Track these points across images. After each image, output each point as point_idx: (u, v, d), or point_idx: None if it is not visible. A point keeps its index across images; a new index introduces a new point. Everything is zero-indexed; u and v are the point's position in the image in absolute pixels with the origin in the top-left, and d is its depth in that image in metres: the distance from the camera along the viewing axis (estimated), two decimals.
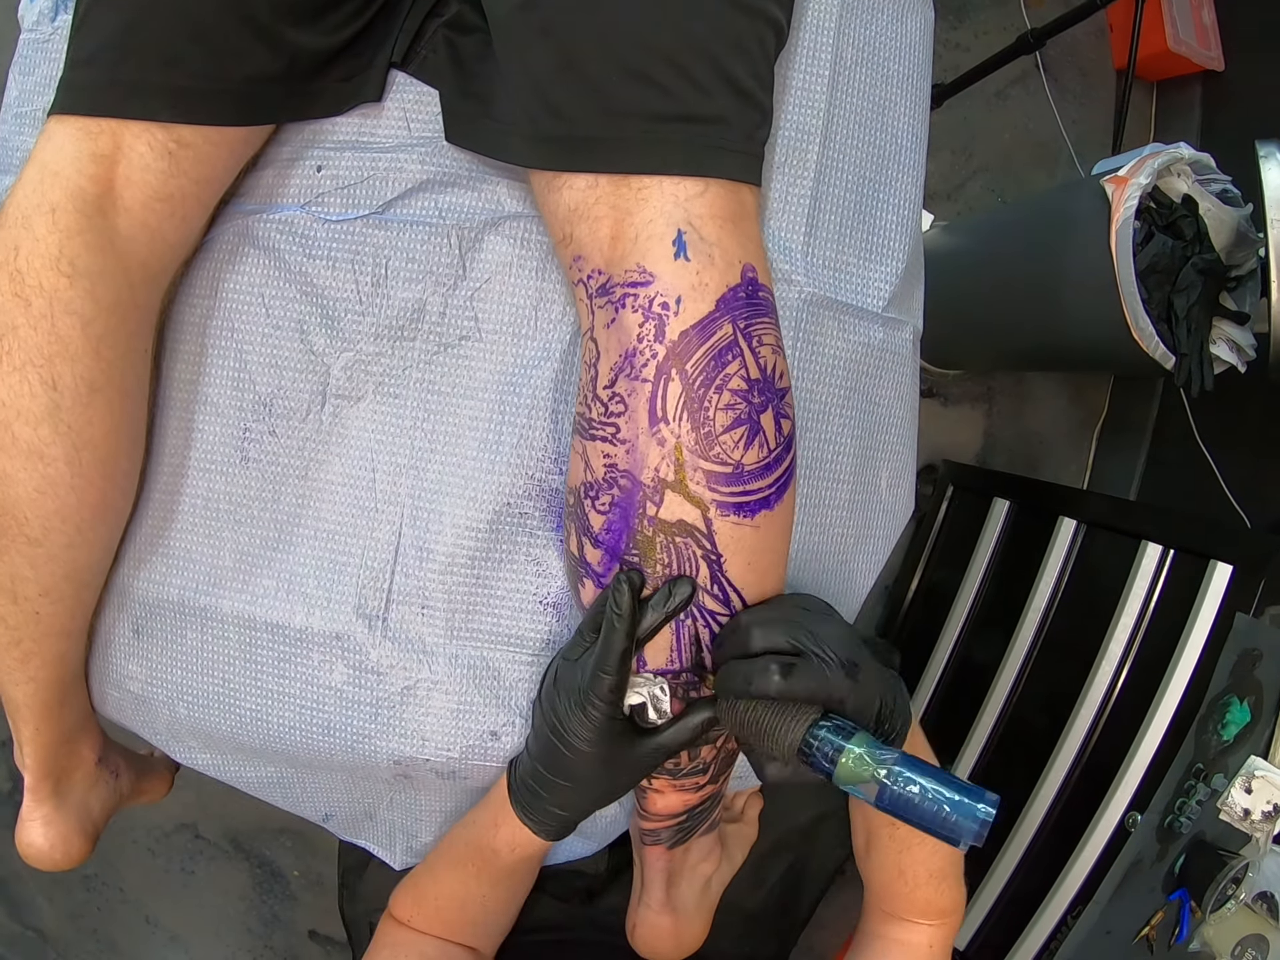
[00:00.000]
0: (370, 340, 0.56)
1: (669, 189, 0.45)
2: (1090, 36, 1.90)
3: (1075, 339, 1.36)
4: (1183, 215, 1.22)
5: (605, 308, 0.46)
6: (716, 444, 0.45)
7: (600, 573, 0.49)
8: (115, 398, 0.50)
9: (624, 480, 0.46)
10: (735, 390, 0.45)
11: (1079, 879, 1.15)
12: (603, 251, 0.46)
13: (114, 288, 0.49)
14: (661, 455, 0.45)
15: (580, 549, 0.49)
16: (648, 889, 0.61)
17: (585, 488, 0.48)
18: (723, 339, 0.45)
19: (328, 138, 0.56)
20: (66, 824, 0.63)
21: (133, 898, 1.56)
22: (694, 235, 0.45)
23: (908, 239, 0.60)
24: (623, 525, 0.47)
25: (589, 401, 0.48)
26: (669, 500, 0.45)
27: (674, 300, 0.44)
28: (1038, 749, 1.29)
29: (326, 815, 0.66)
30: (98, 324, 0.48)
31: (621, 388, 0.46)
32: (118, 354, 0.50)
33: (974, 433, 1.88)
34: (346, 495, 0.56)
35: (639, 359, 0.45)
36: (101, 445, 0.50)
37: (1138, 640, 1.22)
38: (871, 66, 0.58)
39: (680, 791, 0.54)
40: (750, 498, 0.46)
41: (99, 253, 0.48)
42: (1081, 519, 1.37)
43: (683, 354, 0.45)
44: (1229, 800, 1.01)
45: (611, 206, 0.46)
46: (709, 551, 0.46)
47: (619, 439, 0.46)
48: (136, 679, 0.60)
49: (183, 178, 0.50)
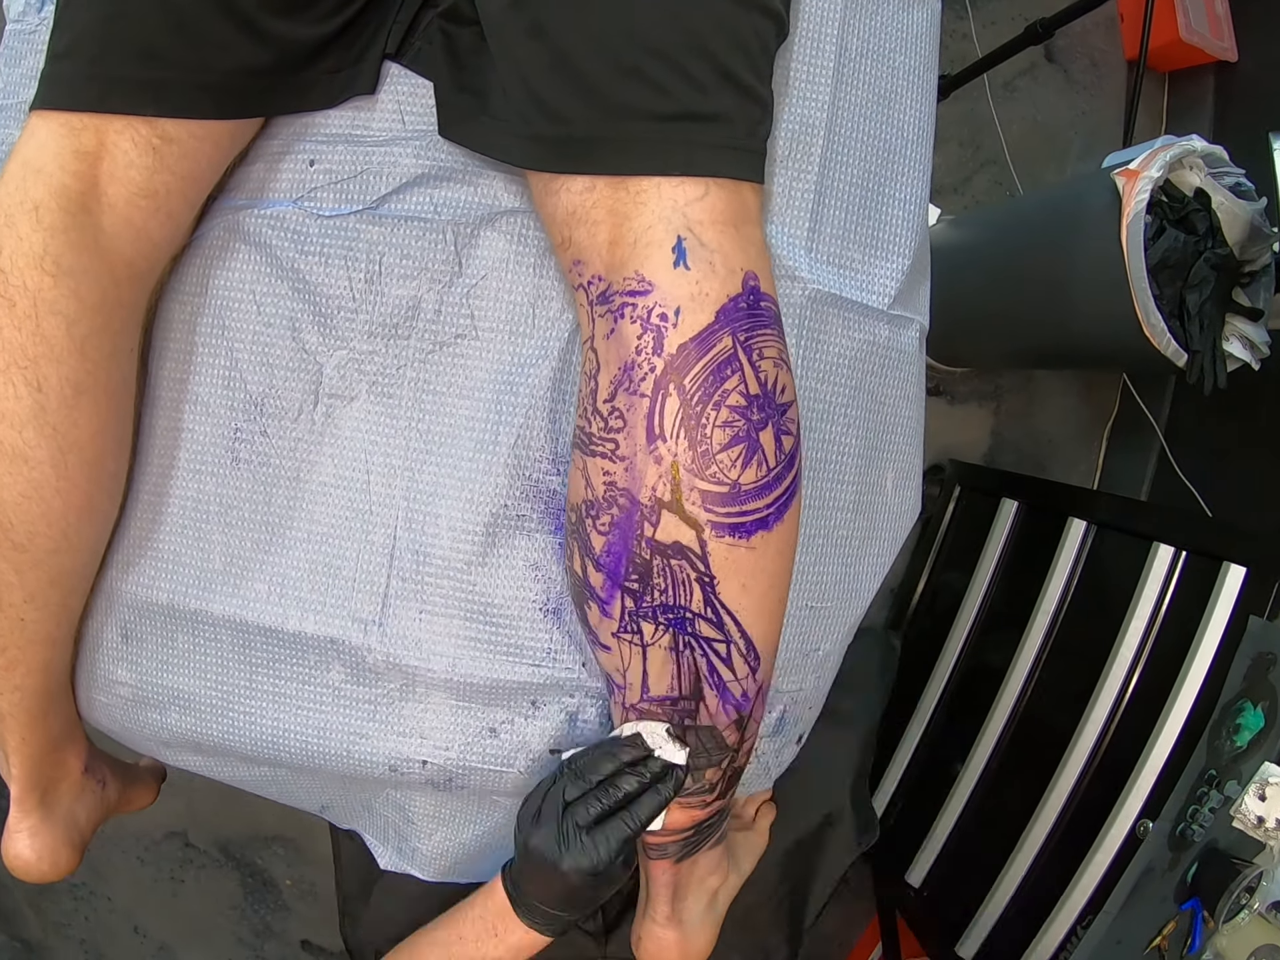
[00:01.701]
0: (364, 338, 0.56)
1: (668, 192, 0.45)
2: (1100, 26, 1.90)
3: (1085, 336, 1.36)
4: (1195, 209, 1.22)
5: (605, 317, 0.46)
6: (713, 463, 0.44)
7: (604, 599, 0.48)
8: (101, 399, 0.50)
9: (623, 499, 0.46)
10: (734, 406, 0.45)
11: (1089, 888, 1.15)
12: (602, 257, 0.46)
13: (99, 286, 0.48)
14: (659, 474, 0.45)
15: (584, 571, 0.49)
16: (653, 902, 0.61)
17: (586, 506, 0.48)
18: (722, 352, 0.44)
19: (320, 131, 0.56)
20: (53, 835, 0.63)
21: (121, 907, 1.56)
22: (694, 241, 0.44)
23: (914, 234, 0.60)
24: (622, 548, 0.47)
25: (589, 415, 0.47)
26: (665, 521, 0.45)
27: (673, 311, 0.44)
28: (1047, 755, 1.29)
29: (323, 806, 0.67)
30: (83, 324, 0.48)
31: (620, 402, 0.46)
32: (103, 354, 0.50)
33: (982, 432, 1.88)
34: (340, 497, 0.56)
35: (637, 372, 0.45)
36: (88, 447, 0.50)
37: (1149, 644, 1.22)
38: (877, 58, 0.58)
39: (687, 809, 0.54)
40: (747, 518, 0.46)
41: (83, 251, 0.48)
42: (1092, 520, 1.37)
43: (681, 368, 0.44)
44: (1242, 807, 1.01)
45: (609, 210, 0.45)
46: (703, 574, 0.46)
47: (618, 455, 0.46)
48: (126, 684, 0.60)
49: (167, 173, 0.49)
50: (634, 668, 0.50)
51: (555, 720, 0.57)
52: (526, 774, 0.58)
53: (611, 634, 0.49)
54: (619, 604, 0.48)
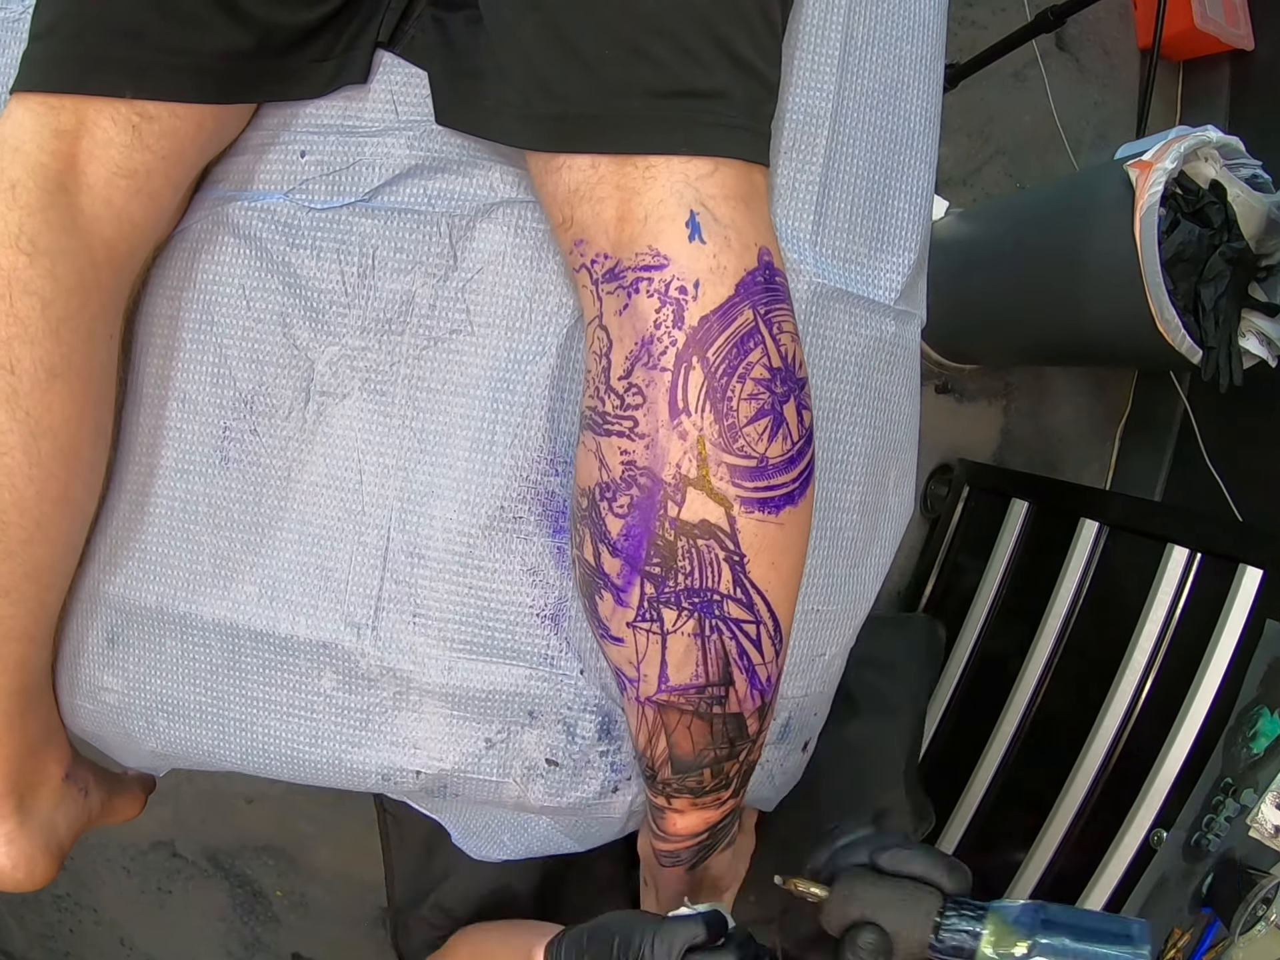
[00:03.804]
0: (356, 334, 0.56)
1: (678, 167, 0.44)
2: (1113, 14, 1.90)
3: (1097, 332, 1.36)
4: (1210, 202, 1.22)
5: (616, 293, 0.46)
6: (741, 436, 0.44)
7: (620, 586, 0.48)
8: (76, 383, 0.50)
9: (643, 479, 0.45)
10: (758, 379, 0.45)
11: (1102, 899, 1.15)
12: (608, 234, 0.46)
13: (76, 268, 0.48)
14: (683, 449, 0.44)
15: (597, 557, 0.49)
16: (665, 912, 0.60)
17: (601, 489, 0.47)
18: (744, 325, 0.44)
19: (311, 121, 0.56)
20: (30, 843, 0.63)
21: (107, 919, 1.56)
22: (707, 216, 0.44)
23: (920, 228, 0.60)
24: (643, 530, 0.46)
25: (601, 394, 0.47)
26: (691, 499, 0.45)
27: (692, 284, 0.44)
28: (1058, 763, 1.29)
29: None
30: (58, 305, 0.48)
31: (639, 377, 0.45)
32: (79, 337, 0.49)
33: (991, 430, 1.88)
34: (331, 497, 0.56)
35: (657, 346, 0.44)
36: (61, 433, 0.50)
37: (1163, 648, 1.22)
38: (883, 47, 0.58)
39: (702, 809, 0.54)
40: (775, 492, 0.46)
41: (61, 231, 0.48)
42: (1104, 521, 1.37)
43: (703, 341, 0.44)
44: (1259, 816, 1.01)
45: (616, 186, 0.45)
46: (732, 553, 0.45)
47: (637, 433, 0.45)
48: (113, 690, 0.60)
49: (147, 152, 0.49)
50: (650, 658, 0.49)
51: (552, 732, 0.57)
52: (523, 785, 0.59)
53: (626, 624, 0.49)
54: (637, 590, 0.47)
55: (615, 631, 0.50)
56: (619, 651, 0.50)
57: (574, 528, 0.51)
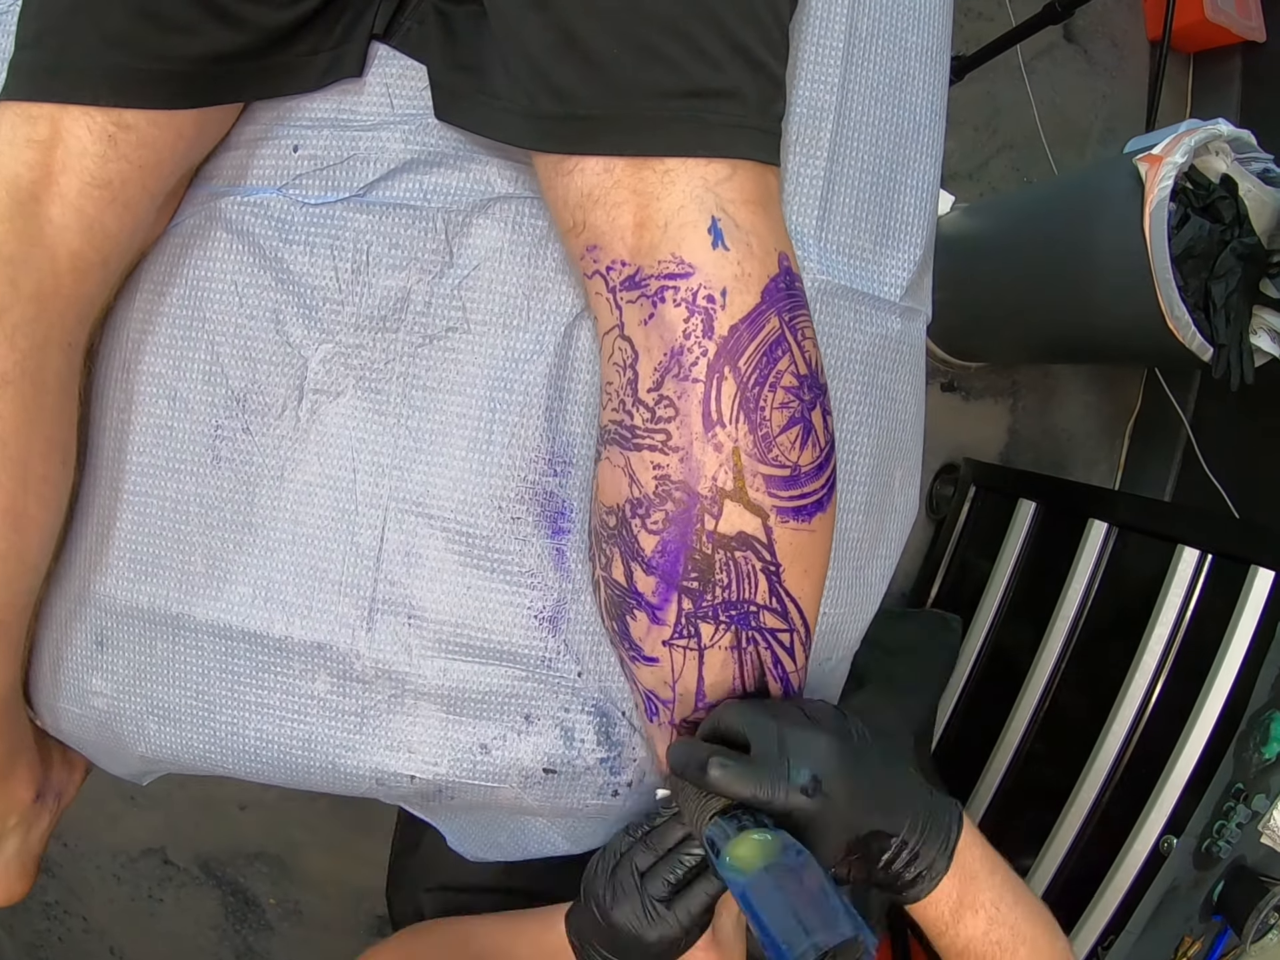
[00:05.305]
0: (350, 331, 0.56)
1: (696, 171, 0.44)
2: (1122, 5, 1.90)
3: (1106, 329, 1.36)
4: (1221, 196, 1.22)
5: (639, 302, 0.45)
6: (775, 446, 0.45)
7: (655, 604, 0.48)
8: (28, 391, 0.49)
9: (679, 493, 0.45)
10: (788, 388, 0.45)
11: (1111, 906, 1.15)
12: (625, 240, 0.45)
13: (36, 275, 0.48)
14: (719, 462, 0.44)
15: (629, 577, 0.48)
16: None
17: (632, 505, 0.47)
18: (771, 333, 0.45)
19: (305, 115, 0.56)
20: (4, 871, 0.62)
21: (96, 927, 1.56)
22: (729, 222, 0.44)
23: (925, 223, 0.60)
24: (679, 545, 0.46)
25: (629, 408, 0.47)
26: (729, 511, 0.45)
27: (719, 293, 0.44)
28: (1067, 768, 1.29)
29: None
30: (14, 312, 0.48)
31: (670, 389, 0.45)
32: (33, 344, 0.49)
33: (998, 429, 1.88)
34: (325, 497, 0.56)
35: (688, 357, 0.44)
36: (10, 443, 0.49)
37: (1173, 652, 1.22)
38: (889, 38, 0.58)
39: None
40: (807, 500, 0.46)
41: (26, 241, 0.48)
42: (1113, 521, 1.37)
43: (734, 350, 0.44)
44: (1271, 822, 1.01)
45: (633, 191, 0.45)
46: (768, 563, 0.46)
47: (670, 446, 0.45)
48: (103, 694, 0.60)
49: (122, 162, 0.49)
50: (687, 676, 0.49)
51: (549, 737, 0.57)
52: (520, 790, 0.58)
53: (662, 642, 0.49)
54: (674, 607, 0.47)
55: (649, 651, 0.49)
56: (653, 673, 0.50)
57: (597, 549, 0.51)
